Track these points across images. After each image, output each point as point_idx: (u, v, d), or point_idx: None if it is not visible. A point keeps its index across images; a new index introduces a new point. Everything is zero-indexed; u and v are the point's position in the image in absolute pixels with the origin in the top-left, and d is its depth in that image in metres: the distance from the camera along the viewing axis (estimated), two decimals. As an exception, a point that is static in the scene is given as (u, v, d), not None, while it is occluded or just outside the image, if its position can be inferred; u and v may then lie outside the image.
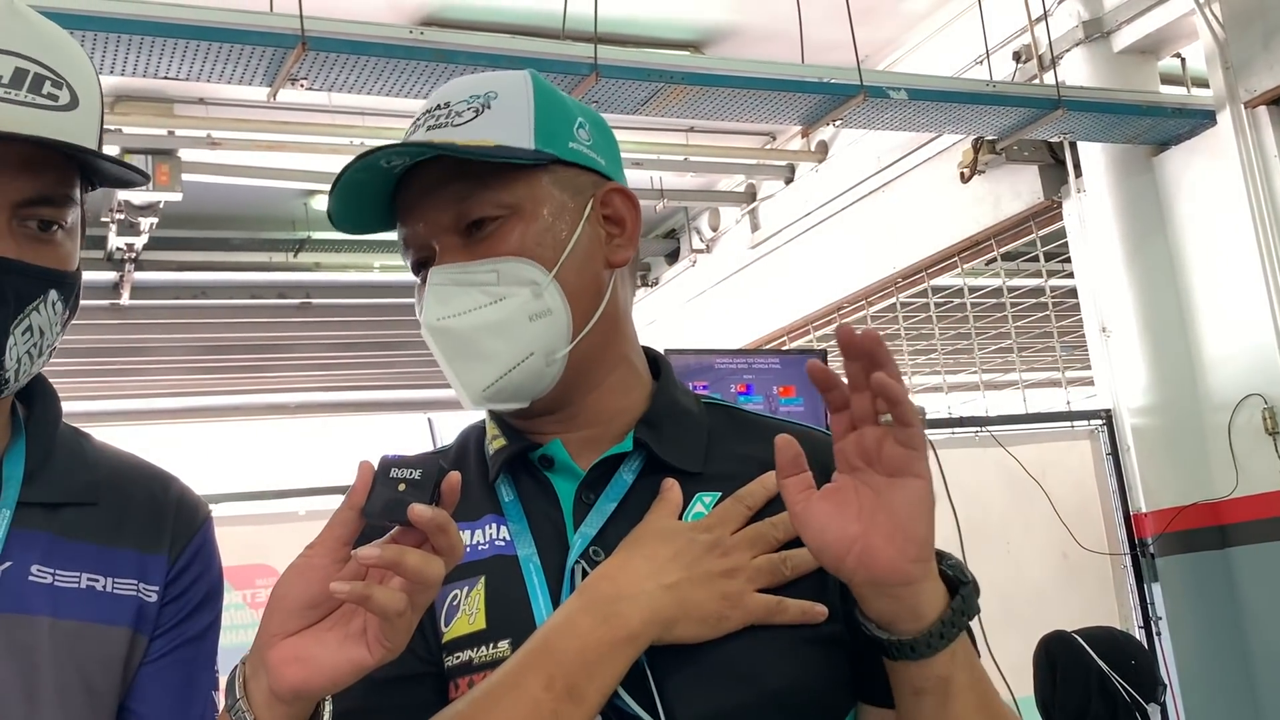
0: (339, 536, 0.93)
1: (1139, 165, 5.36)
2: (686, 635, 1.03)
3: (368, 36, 3.90)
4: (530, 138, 1.13)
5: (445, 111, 1.15)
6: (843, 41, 4.93)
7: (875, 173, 6.63)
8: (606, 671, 1.00)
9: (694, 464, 1.14)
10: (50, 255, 1.06)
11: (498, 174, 1.11)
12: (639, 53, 4.56)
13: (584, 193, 1.16)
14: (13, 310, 1.02)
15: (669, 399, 1.20)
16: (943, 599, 0.99)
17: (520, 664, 1.01)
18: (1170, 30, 5.28)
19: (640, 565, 1.04)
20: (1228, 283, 5.01)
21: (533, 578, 1.08)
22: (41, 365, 1.09)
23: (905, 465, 0.95)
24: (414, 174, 1.13)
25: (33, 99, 1.01)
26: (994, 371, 7.53)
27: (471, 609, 1.07)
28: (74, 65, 1.06)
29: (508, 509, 1.13)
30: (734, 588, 1.04)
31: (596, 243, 1.16)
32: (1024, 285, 6.66)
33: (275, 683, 0.92)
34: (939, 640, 0.98)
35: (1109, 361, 5.51)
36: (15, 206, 1.03)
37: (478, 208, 1.11)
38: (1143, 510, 5.31)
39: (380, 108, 6.09)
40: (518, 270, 1.10)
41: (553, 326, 1.11)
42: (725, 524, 1.08)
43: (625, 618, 1.01)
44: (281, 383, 9.89)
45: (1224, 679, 5.03)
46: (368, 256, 7.93)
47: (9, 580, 1.05)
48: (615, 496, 1.12)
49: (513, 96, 1.15)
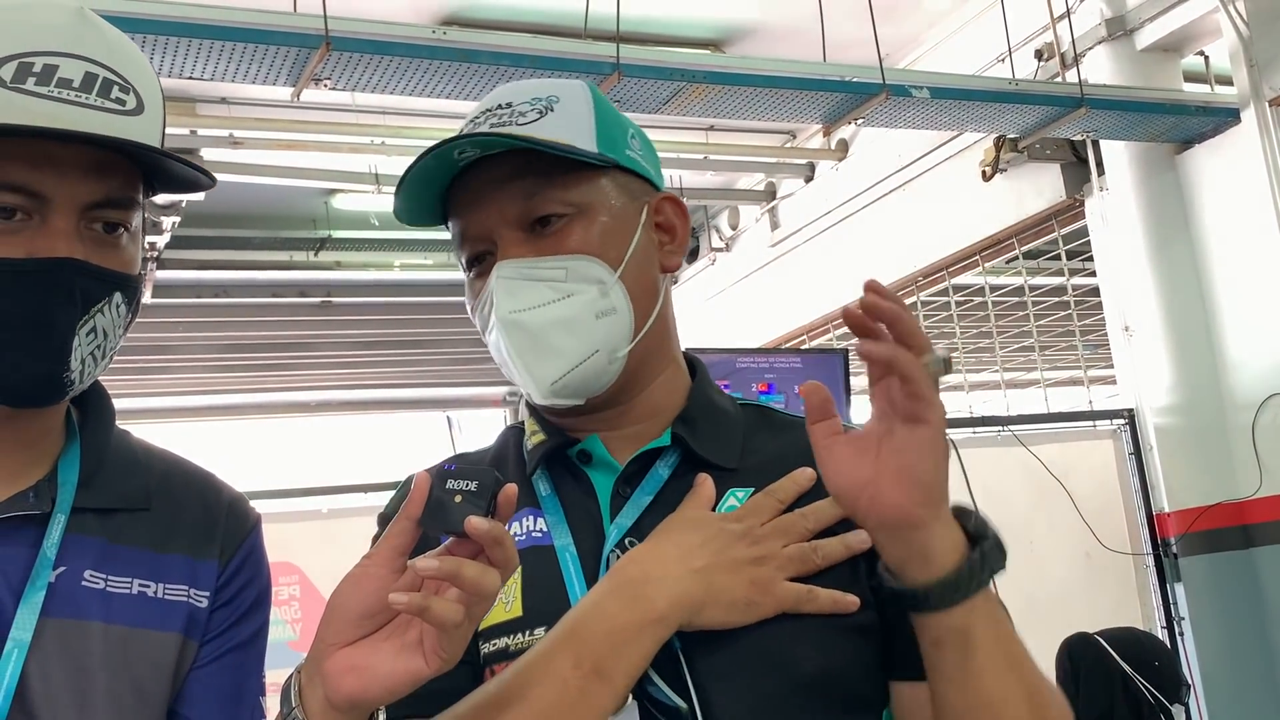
0: (396, 547, 0.94)
1: (1162, 164, 5.34)
2: (715, 620, 1.04)
3: (391, 36, 3.91)
4: (593, 142, 1.16)
5: (508, 111, 1.16)
6: (862, 39, 4.92)
7: (896, 171, 6.61)
8: (633, 652, 1.01)
9: (729, 460, 1.17)
10: (115, 258, 1.07)
11: (565, 173, 1.14)
12: (661, 52, 4.56)
13: (639, 199, 1.20)
14: (80, 311, 1.04)
15: (705, 398, 1.22)
16: (959, 550, 0.99)
17: (550, 645, 1.03)
18: (1193, 28, 5.25)
19: (668, 550, 1.06)
20: (1251, 281, 4.99)
21: (569, 566, 1.10)
22: (103, 369, 1.10)
23: (914, 411, 0.96)
24: (477, 168, 1.14)
25: (101, 103, 1.03)
26: (1015, 370, 7.51)
27: (508, 597, 1.09)
28: (139, 70, 1.08)
29: (545, 502, 1.16)
30: (764, 575, 1.05)
31: (652, 247, 1.20)
32: (1046, 284, 6.63)
33: (332, 692, 0.93)
34: (953, 592, 0.98)
35: (1132, 360, 5.48)
36: (83, 209, 1.04)
37: (545, 204, 1.13)
38: (1165, 510, 5.28)
39: (401, 107, 6.12)
40: (586, 268, 1.13)
41: (617, 325, 1.14)
42: (756, 515, 1.10)
43: (652, 600, 1.02)
44: (302, 381, 9.93)
45: (1248, 679, 5.00)
46: (388, 255, 7.94)
47: (63, 586, 1.07)
48: (651, 490, 1.14)
49: (574, 102, 1.18)
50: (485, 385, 11.31)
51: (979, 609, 0.99)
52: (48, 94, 1.01)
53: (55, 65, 1.02)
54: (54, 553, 1.06)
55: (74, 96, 1.02)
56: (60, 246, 1.02)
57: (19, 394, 1.05)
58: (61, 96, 1.01)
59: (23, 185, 1.01)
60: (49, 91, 1.01)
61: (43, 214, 1.02)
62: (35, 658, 1.03)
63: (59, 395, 1.07)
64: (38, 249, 1.02)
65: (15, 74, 1.01)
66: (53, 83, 1.01)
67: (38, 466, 1.11)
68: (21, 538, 1.07)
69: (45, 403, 1.08)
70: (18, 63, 1.01)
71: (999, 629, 1.01)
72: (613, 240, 1.15)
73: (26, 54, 1.01)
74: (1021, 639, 1.05)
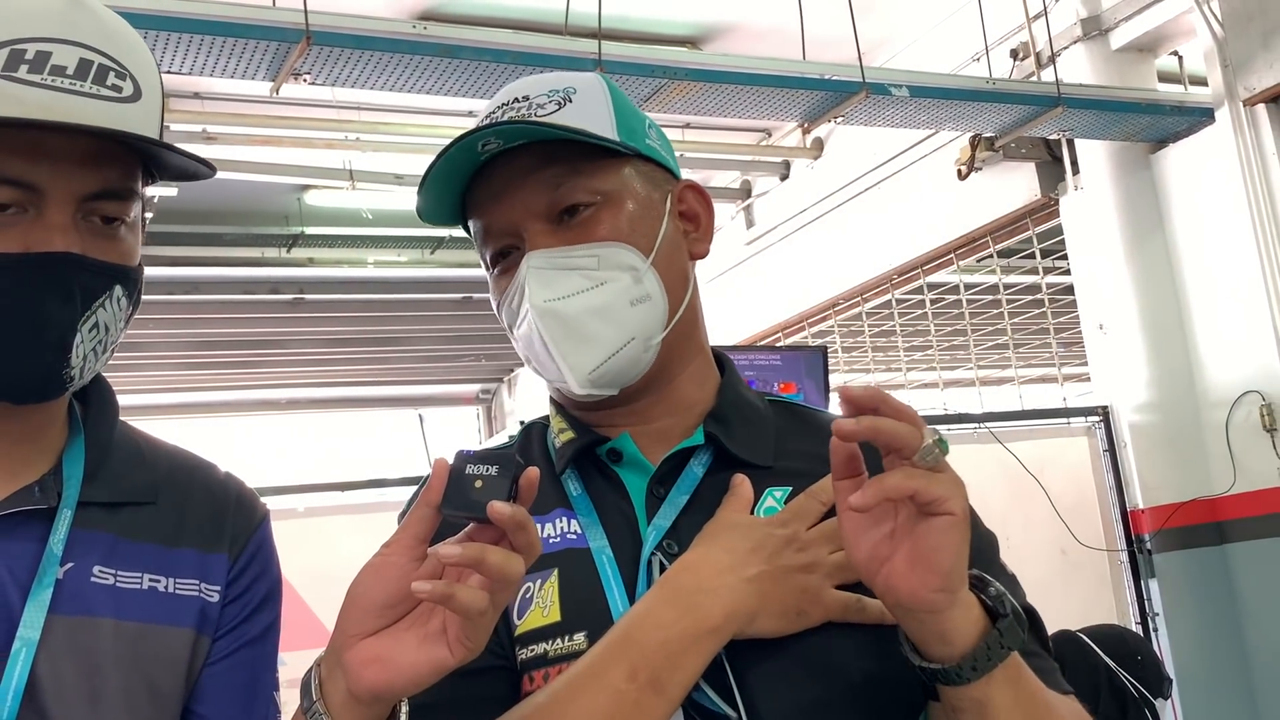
0: (416, 534, 0.92)
1: (1137, 163, 5.38)
2: (766, 629, 1.03)
3: (372, 31, 3.88)
4: (613, 131, 1.15)
5: (525, 104, 1.15)
6: (838, 38, 4.93)
7: (871, 169, 6.63)
8: (689, 663, 1.00)
9: (763, 458, 1.15)
10: (114, 250, 1.05)
11: (589, 162, 1.13)
12: (643, 49, 4.55)
13: (662, 187, 1.19)
14: (80, 307, 1.01)
15: (736, 394, 1.21)
16: (977, 627, 0.98)
17: (602, 655, 1.00)
18: (1168, 28, 5.29)
19: (721, 558, 1.04)
20: (1226, 280, 5.03)
21: (606, 570, 1.08)
22: (104, 363, 1.08)
23: (935, 505, 0.93)
24: (498, 162, 1.12)
25: (97, 90, 1.00)
26: (990, 368, 7.55)
27: (545, 602, 1.07)
28: (136, 56, 1.05)
29: (576, 502, 1.13)
30: (813, 583, 1.04)
31: (679, 235, 1.19)
32: (1020, 282, 6.67)
33: (354, 684, 0.91)
34: (971, 671, 0.97)
35: (1106, 358, 5.52)
36: (80, 201, 1.01)
37: (572, 193, 1.12)
38: (1140, 507, 5.32)
39: (376, 103, 6.08)
40: (617, 255, 1.12)
41: (652, 312, 1.13)
42: (801, 519, 1.08)
43: (708, 610, 1.01)
44: (273, 378, 9.87)
45: (1221, 675, 5.05)
46: (361, 252, 7.89)
47: (71, 582, 1.04)
48: (686, 489, 1.12)
49: (591, 93, 1.17)
50: (458, 383, 11.28)
51: (997, 678, 0.97)
52: (41, 82, 0.98)
53: (49, 52, 0.99)
54: (61, 548, 1.04)
55: (69, 85, 0.99)
56: (57, 240, 0.99)
57: (19, 390, 1.03)
58: (56, 85, 0.98)
59: (17, 178, 0.98)
60: (43, 80, 0.98)
61: (38, 207, 0.99)
62: (45, 656, 1.01)
63: (60, 391, 1.05)
64: (34, 243, 0.99)
65: (7, 62, 0.98)
66: (46, 70, 0.98)
67: (42, 460, 1.09)
68: (27, 533, 1.04)
69: (46, 398, 1.06)
70: (9, 50, 0.98)
71: (1018, 691, 0.99)
72: (642, 227, 1.14)
73: (18, 40, 0.98)
74: (1043, 690, 1.03)
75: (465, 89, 4.21)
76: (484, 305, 7.01)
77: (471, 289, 8.60)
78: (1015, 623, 0.99)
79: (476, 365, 10.66)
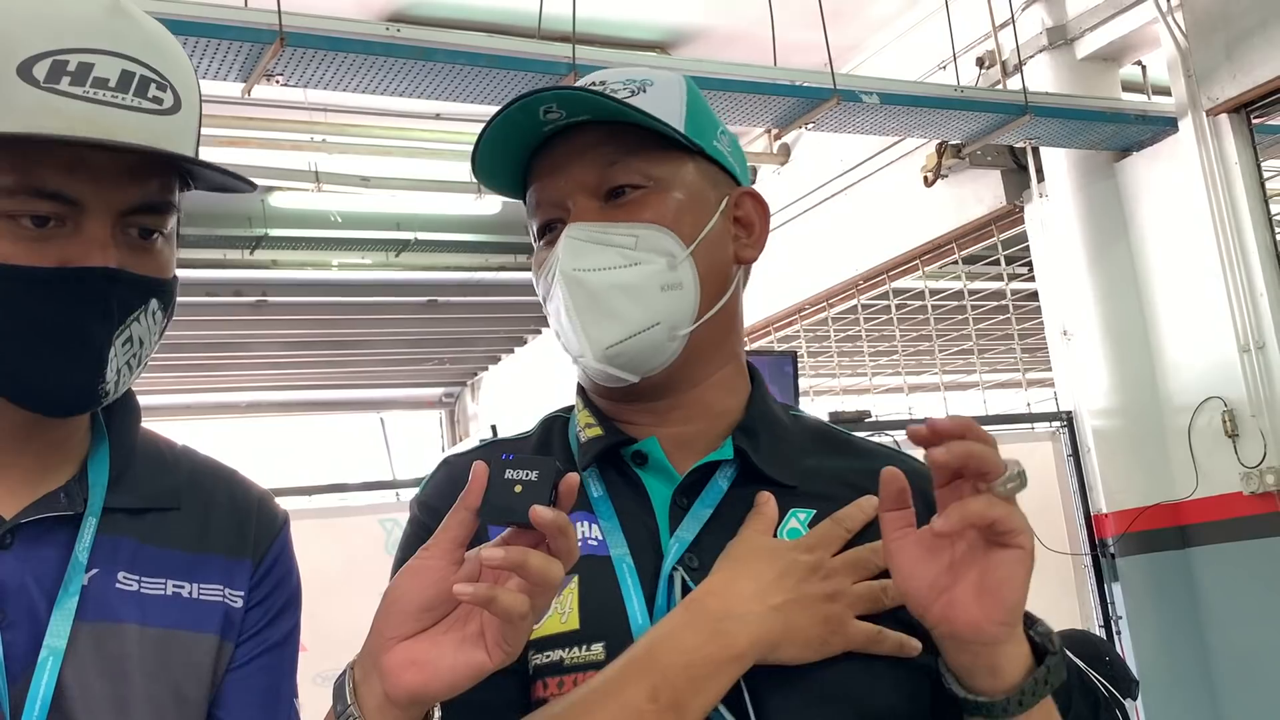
0: (454, 538, 0.92)
1: (1101, 171, 5.44)
2: (788, 657, 1.02)
3: (345, 33, 3.86)
4: (682, 127, 1.14)
5: (600, 87, 1.14)
6: (806, 45, 4.97)
7: (838, 175, 6.67)
8: (711, 689, 0.99)
9: (789, 477, 1.13)
10: (151, 263, 1.03)
11: (648, 147, 1.12)
12: (616, 53, 4.57)
13: (720, 188, 1.17)
14: (115, 322, 1.00)
15: (764, 408, 1.19)
16: (1024, 663, 0.98)
17: (622, 673, 0.99)
18: (1133, 38, 5.36)
19: (747, 585, 1.03)
20: (1188, 287, 5.10)
21: (627, 580, 1.07)
22: (138, 376, 1.06)
23: (1010, 536, 0.93)
24: (561, 136, 1.12)
25: (139, 103, 0.98)
26: (955, 373, 7.61)
27: (564, 608, 1.06)
28: (176, 64, 1.03)
29: (597, 505, 1.12)
30: (836, 612, 1.03)
31: (727, 236, 1.17)
32: (985, 288, 6.72)
33: (392, 687, 0.91)
34: (1017, 706, 0.97)
35: (1070, 364, 5.58)
36: (119, 215, 1.00)
37: (624, 173, 1.11)
38: (1103, 511, 5.38)
39: (342, 104, 6.05)
40: (657, 239, 1.10)
41: (682, 300, 1.11)
42: (826, 546, 1.07)
43: (733, 637, 1.00)
44: (234, 381, 9.79)
45: (1183, 678, 5.11)
46: (326, 254, 7.84)
47: (96, 589, 1.03)
48: (710, 503, 1.11)
49: (667, 88, 1.16)
50: (421, 386, 11.24)
51: (1033, 714, 0.98)
52: (83, 95, 0.96)
53: (91, 64, 0.97)
54: (86, 555, 1.03)
55: (110, 97, 0.97)
56: (95, 255, 0.98)
57: (53, 404, 1.02)
58: (98, 98, 0.96)
59: (57, 192, 0.97)
60: (84, 92, 0.96)
61: (77, 221, 0.98)
62: (71, 664, 0.99)
63: (93, 405, 1.04)
64: (72, 257, 0.97)
65: (49, 73, 0.96)
66: (88, 83, 0.96)
67: (66, 467, 1.08)
68: (52, 540, 1.03)
69: (79, 412, 1.05)
70: (51, 61, 0.96)
71: None
72: (688, 218, 1.12)
73: (60, 51, 0.96)
74: None
75: (438, 91, 4.20)
76: (449, 308, 7.04)
77: (436, 292, 8.57)
78: (1061, 661, 1.00)
79: (440, 369, 10.62)
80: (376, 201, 7.32)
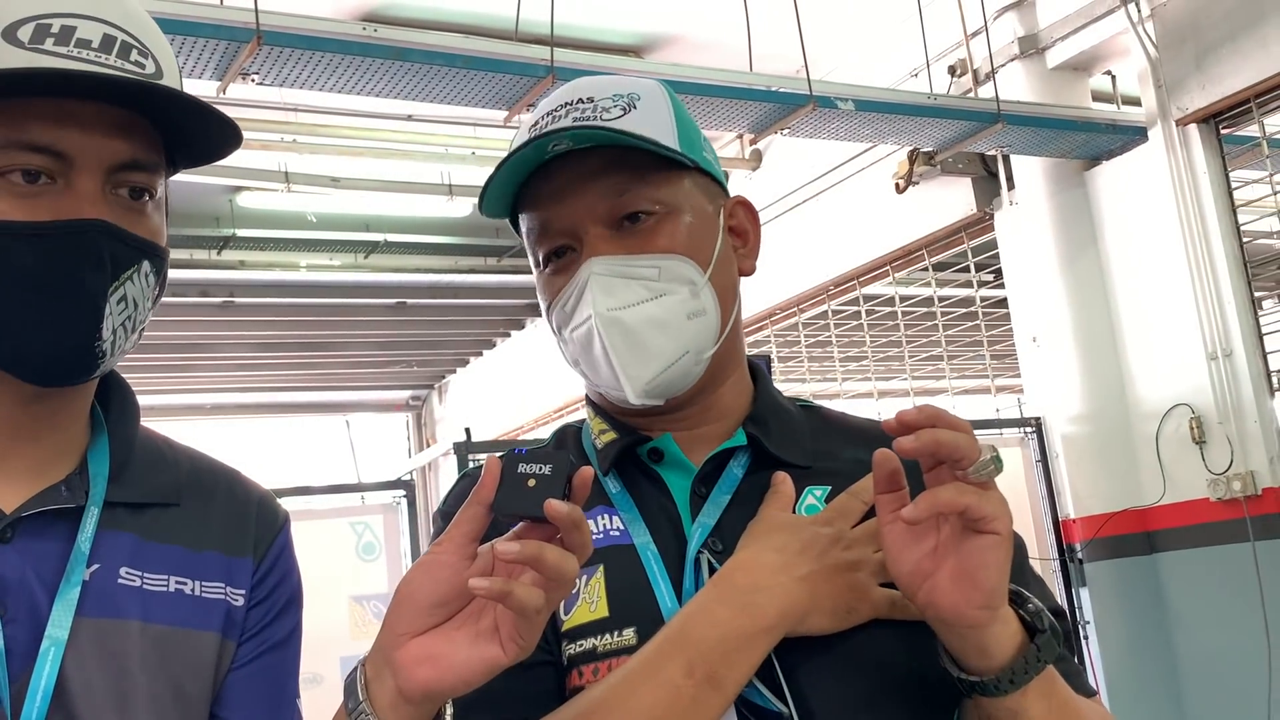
0: (468, 533, 0.92)
1: (1071, 179, 5.49)
2: (817, 627, 1.04)
3: (323, 32, 3.84)
4: (675, 142, 1.15)
5: (590, 105, 1.14)
6: (777, 53, 5.00)
7: (809, 181, 6.69)
8: (745, 660, 1.01)
9: (802, 458, 1.17)
10: (142, 225, 1.03)
11: (654, 171, 1.13)
12: (595, 57, 4.56)
13: (715, 200, 1.20)
14: (110, 276, 0.99)
15: (772, 398, 1.23)
16: (1015, 641, 0.99)
17: (658, 651, 1.01)
18: (1103, 48, 5.42)
19: (773, 558, 1.05)
20: (1157, 295, 5.15)
21: (652, 566, 1.09)
22: (131, 346, 1.05)
23: (983, 523, 0.95)
24: (561, 161, 1.12)
25: (121, 64, 0.99)
26: (924, 379, 7.65)
27: (592, 597, 1.08)
28: (156, 38, 1.04)
29: (616, 499, 1.14)
30: (860, 580, 1.06)
31: (730, 250, 1.20)
32: (954, 295, 6.76)
33: (405, 683, 0.90)
34: (1009, 684, 0.99)
35: (1039, 370, 5.63)
36: (109, 171, 1.00)
37: (635, 201, 1.12)
38: (1071, 516, 5.43)
39: (312, 104, 6.02)
40: (678, 268, 1.12)
41: (706, 326, 1.13)
42: (845, 518, 1.09)
43: (763, 609, 1.02)
44: (200, 383, 9.71)
45: (1150, 682, 5.16)
46: (293, 255, 7.79)
47: (98, 583, 1.02)
48: (728, 489, 1.14)
49: (654, 101, 1.17)
50: (388, 389, 11.18)
51: (1032, 689, 0.99)
52: (67, 54, 0.97)
53: (74, 27, 0.98)
54: (88, 546, 1.02)
55: (93, 57, 0.98)
56: (86, 208, 0.98)
57: (49, 367, 1.00)
58: (81, 56, 0.98)
59: (46, 145, 0.97)
60: (68, 51, 0.97)
61: (67, 176, 0.98)
62: (72, 657, 0.98)
63: (91, 368, 1.01)
64: (63, 211, 0.97)
65: (33, 35, 0.97)
66: (71, 43, 0.98)
67: (65, 460, 1.07)
68: (53, 534, 1.02)
69: (76, 378, 1.02)
70: (35, 24, 0.97)
71: (1051, 701, 1.01)
72: (700, 241, 1.14)
73: (44, 15, 0.98)
74: (1073, 697, 1.05)
75: (414, 92, 4.19)
76: (417, 310, 7.00)
77: (405, 294, 8.53)
78: (1052, 638, 1.01)
79: (407, 371, 10.58)
80: (346, 202, 7.28)
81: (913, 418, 0.95)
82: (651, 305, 1.11)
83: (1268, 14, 4.65)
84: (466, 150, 6.70)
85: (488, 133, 6.68)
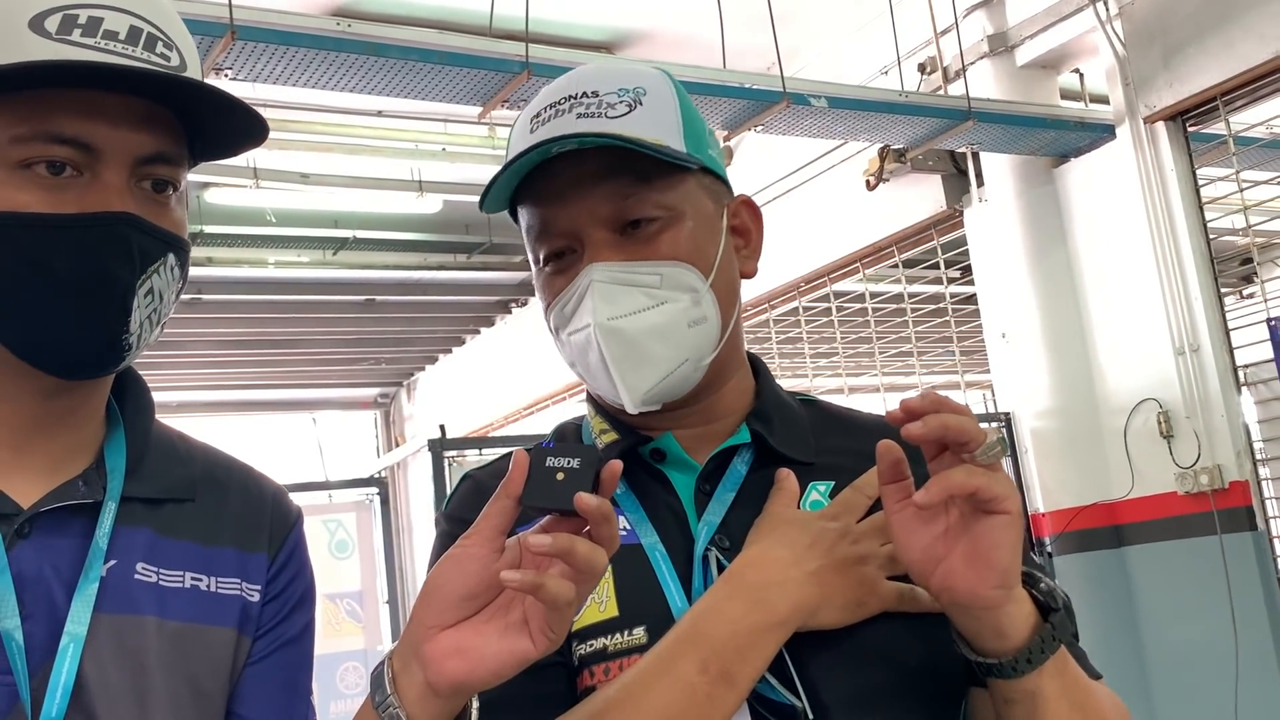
0: (497, 526, 0.92)
1: (1040, 176, 5.54)
2: (828, 621, 1.05)
3: (297, 28, 3.82)
4: (681, 140, 1.13)
5: (595, 100, 1.12)
6: (749, 50, 5.01)
7: (780, 178, 6.71)
8: (757, 656, 1.01)
9: (805, 454, 1.17)
10: (166, 217, 1.02)
11: (659, 174, 1.11)
12: (570, 53, 4.55)
13: (719, 200, 1.18)
14: (139, 268, 0.99)
15: (774, 395, 1.23)
16: (1030, 621, 1.00)
17: (671, 649, 1.01)
18: (1072, 46, 5.47)
19: (782, 554, 1.06)
20: (1125, 291, 5.20)
21: (661, 565, 1.09)
22: (154, 339, 1.05)
23: (994, 503, 0.96)
24: (564, 160, 1.10)
25: (148, 57, 0.99)
26: (894, 375, 7.69)
27: (601, 597, 1.08)
28: (180, 31, 1.04)
29: (621, 499, 1.14)
30: (868, 574, 1.06)
31: (732, 252, 1.18)
32: (924, 291, 6.80)
33: (435, 676, 0.90)
34: (1025, 664, 0.99)
35: (1008, 366, 5.67)
36: (135, 163, 1.00)
37: (640, 206, 1.10)
38: (1041, 510, 5.48)
39: (282, 100, 5.98)
40: (680, 276, 1.11)
41: (706, 334, 1.13)
42: (850, 512, 1.10)
43: (774, 604, 1.03)
44: (166, 381, 9.63)
45: (1118, 675, 5.21)
46: (262, 252, 7.73)
47: (115, 579, 1.01)
48: (733, 486, 1.14)
49: (659, 95, 1.15)
50: (356, 387, 11.13)
51: (1047, 669, 1.00)
52: (94, 45, 0.97)
53: (100, 18, 0.98)
54: (106, 541, 1.01)
55: (120, 49, 0.98)
56: (114, 201, 0.97)
57: (76, 360, 1.00)
58: (108, 48, 0.97)
59: (73, 137, 0.97)
60: (95, 43, 0.97)
61: (93, 169, 0.98)
62: (91, 654, 0.98)
63: (117, 361, 1.01)
64: (89, 204, 0.97)
65: (60, 26, 0.97)
66: (99, 35, 0.97)
67: (82, 455, 1.06)
68: (70, 529, 1.01)
69: (102, 371, 1.02)
70: (62, 15, 0.97)
71: (1065, 680, 1.02)
72: (702, 247, 1.13)
73: (70, 6, 0.98)
74: (1084, 676, 1.07)
75: (389, 88, 4.17)
76: (386, 308, 6.97)
77: (374, 291, 8.50)
78: (1065, 616, 1.02)
79: (376, 369, 10.54)
80: (315, 199, 7.24)
81: (918, 405, 0.96)
82: (652, 314, 1.10)
83: (1234, 13, 4.70)
84: (437, 146, 6.69)
85: (458, 129, 6.67)
